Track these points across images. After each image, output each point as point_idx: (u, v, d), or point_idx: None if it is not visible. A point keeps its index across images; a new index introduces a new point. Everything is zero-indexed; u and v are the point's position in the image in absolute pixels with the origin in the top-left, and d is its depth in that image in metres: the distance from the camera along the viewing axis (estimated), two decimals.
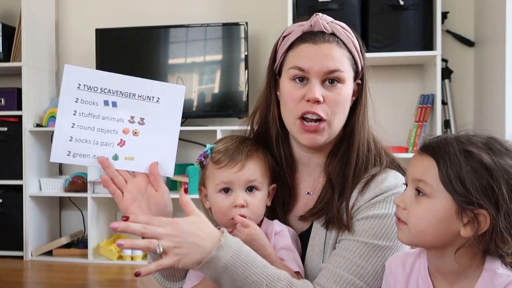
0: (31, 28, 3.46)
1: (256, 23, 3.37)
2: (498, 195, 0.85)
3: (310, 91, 1.12)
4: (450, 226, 0.88)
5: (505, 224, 0.85)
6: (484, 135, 0.91)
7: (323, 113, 1.12)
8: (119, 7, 3.71)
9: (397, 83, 3.34)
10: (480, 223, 0.86)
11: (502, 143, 0.90)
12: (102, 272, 3.12)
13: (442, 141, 0.91)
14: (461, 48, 3.29)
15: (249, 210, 1.13)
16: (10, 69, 3.52)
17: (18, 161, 3.41)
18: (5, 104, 3.46)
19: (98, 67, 3.47)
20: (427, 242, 0.92)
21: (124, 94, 1.09)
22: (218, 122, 3.47)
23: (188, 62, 3.43)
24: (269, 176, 1.18)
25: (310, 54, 1.14)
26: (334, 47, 1.14)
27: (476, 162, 0.86)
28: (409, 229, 0.92)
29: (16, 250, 3.43)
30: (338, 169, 1.17)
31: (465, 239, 0.88)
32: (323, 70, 1.12)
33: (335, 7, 3.02)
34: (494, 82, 2.94)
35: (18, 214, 3.41)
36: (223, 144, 1.18)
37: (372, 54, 3.03)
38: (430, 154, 0.91)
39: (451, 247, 0.90)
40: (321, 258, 1.16)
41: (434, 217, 0.88)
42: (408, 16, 3.02)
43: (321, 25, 1.14)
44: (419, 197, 0.91)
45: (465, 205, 0.86)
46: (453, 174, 0.86)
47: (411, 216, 0.91)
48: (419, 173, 0.91)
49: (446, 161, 0.88)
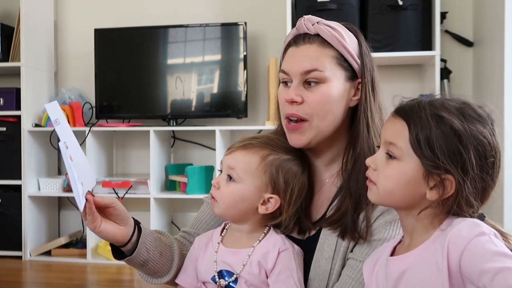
0: (30, 28, 3.46)
1: (255, 23, 3.37)
2: (466, 161, 0.86)
3: (287, 93, 1.15)
4: (417, 188, 0.89)
5: (471, 189, 0.86)
6: (459, 100, 0.92)
7: (303, 113, 1.14)
8: (118, 7, 3.71)
9: (396, 83, 3.34)
10: (445, 188, 0.87)
11: (475, 109, 0.91)
12: (100, 272, 3.11)
13: (415, 104, 0.92)
14: (460, 48, 3.29)
15: (218, 195, 1.15)
16: (9, 69, 3.52)
17: (17, 161, 3.41)
18: (4, 104, 3.46)
19: (97, 67, 3.48)
20: (393, 202, 0.93)
21: (55, 122, 1.05)
22: (217, 122, 3.47)
23: (187, 62, 3.43)
24: (264, 182, 1.14)
25: (291, 56, 1.17)
26: (313, 47, 1.15)
27: (446, 127, 0.87)
28: (378, 189, 0.93)
29: (14, 250, 3.43)
30: (354, 176, 1.15)
31: (430, 201, 0.89)
32: (299, 71, 1.14)
33: (334, 7, 3.02)
34: (493, 82, 2.94)
35: (17, 214, 3.41)
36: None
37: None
38: (402, 117, 0.92)
39: (416, 208, 0.91)
40: (330, 264, 1.15)
41: (402, 179, 0.90)
42: (407, 16, 3.02)
43: (304, 27, 1.16)
44: (389, 160, 0.92)
45: (432, 169, 0.87)
46: (423, 138, 0.87)
47: (380, 177, 0.93)
48: (390, 135, 0.93)
49: (417, 124, 0.88)
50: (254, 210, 1.15)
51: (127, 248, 1.16)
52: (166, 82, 3.43)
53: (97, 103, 3.50)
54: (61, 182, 3.46)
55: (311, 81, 1.14)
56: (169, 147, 3.57)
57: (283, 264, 1.11)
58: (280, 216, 1.15)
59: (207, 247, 1.19)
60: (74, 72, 3.77)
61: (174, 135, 3.60)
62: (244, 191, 1.14)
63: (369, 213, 1.12)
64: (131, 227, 1.15)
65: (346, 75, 1.17)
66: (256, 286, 1.11)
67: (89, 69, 3.56)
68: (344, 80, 1.16)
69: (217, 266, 1.14)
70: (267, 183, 1.14)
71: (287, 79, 1.17)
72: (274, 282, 1.10)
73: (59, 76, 3.81)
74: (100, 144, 3.48)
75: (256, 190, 1.14)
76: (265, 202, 1.14)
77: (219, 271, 1.14)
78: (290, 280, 1.10)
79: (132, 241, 1.15)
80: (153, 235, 1.20)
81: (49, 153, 3.64)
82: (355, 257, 1.13)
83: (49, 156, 3.66)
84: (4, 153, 3.46)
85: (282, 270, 1.10)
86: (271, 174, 1.14)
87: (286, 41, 1.22)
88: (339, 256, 1.14)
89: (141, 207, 3.47)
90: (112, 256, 1.18)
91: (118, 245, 1.15)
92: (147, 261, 1.17)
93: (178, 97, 3.41)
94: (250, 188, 1.14)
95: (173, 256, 1.23)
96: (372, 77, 1.20)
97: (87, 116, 3.50)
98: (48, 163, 3.65)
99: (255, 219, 1.16)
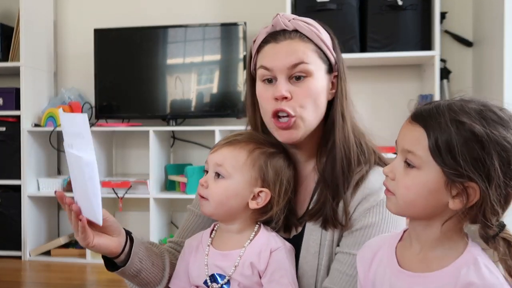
0: (30, 28, 3.46)
1: (255, 23, 3.36)
2: (489, 168, 0.82)
3: (276, 89, 1.13)
4: (439, 198, 0.86)
5: (496, 196, 0.83)
6: (479, 101, 0.88)
7: (291, 110, 1.13)
8: (117, 7, 3.71)
9: (396, 83, 3.34)
10: (469, 196, 0.84)
11: (496, 111, 0.86)
12: (100, 272, 3.11)
13: (433, 109, 0.87)
14: (460, 48, 3.29)
15: (208, 193, 1.14)
16: (8, 69, 3.52)
17: (16, 161, 3.40)
18: (3, 104, 3.46)
19: (97, 67, 3.48)
20: (415, 213, 0.90)
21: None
22: (216, 122, 3.47)
23: (187, 62, 3.42)
24: (253, 175, 1.14)
25: (272, 52, 1.16)
26: (296, 42, 1.15)
27: (468, 133, 0.83)
28: (397, 200, 0.90)
29: (14, 250, 3.43)
30: (328, 166, 1.17)
31: (453, 211, 0.86)
32: (286, 65, 1.13)
33: (334, 7, 3.02)
34: (492, 82, 2.94)
35: (17, 214, 3.41)
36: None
37: (370, 54, 3.04)
38: (420, 123, 0.88)
39: (439, 218, 0.88)
40: (317, 259, 1.15)
41: (423, 188, 0.86)
42: (407, 16, 3.02)
43: (282, 24, 1.16)
44: (408, 169, 0.88)
45: (455, 178, 0.83)
46: (443, 145, 0.83)
47: (400, 187, 0.89)
48: (408, 143, 0.89)
49: (436, 131, 0.85)
50: (244, 206, 1.14)
51: (120, 259, 1.14)
52: (166, 82, 3.43)
53: (96, 103, 3.49)
54: (60, 182, 3.46)
55: (299, 75, 1.14)
56: (168, 147, 3.57)
57: (276, 264, 1.10)
58: (271, 211, 1.15)
59: (197, 250, 1.17)
60: (74, 72, 3.77)
61: (174, 135, 3.60)
62: (234, 187, 1.13)
63: (347, 200, 1.14)
64: (123, 237, 1.13)
65: (325, 68, 1.18)
66: (249, 287, 1.10)
67: (89, 69, 3.56)
68: (324, 73, 1.18)
69: (209, 270, 1.13)
70: (257, 177, 1.14)
71: (269, 76, 1.16)
72: (268, 282, 1.09)
73: (59, 76, 3.81)
74: (100, 144, 3.48)
75: (246, 184, 1.13)
76: (256, 196, 1.14)
77: (211, 275, 1.12)
78: (284, 279, 1.09)
79: (124, 251, 1.14)
80: (145, 245, 1.19)
81: (48, 153, 3.64)
82: (342, 250, 1.13)
83: (49, 156, 3.66)
84: (3, 153, 3.46)
85: (276, 270, 1.10)
86: (260, 167, 1.14)
87: (259, 39, 1.20)
88: (325, 251, 1.15)
89: (140, 207, 3.48)
90: (106, 268, 1.17)
91: (111, 257, 1.14)
92: (139, 271, 1.16)
93: (177, 97, 3.41)
94: (240, 183, 1.13)
95: (164, 266, 1.22)
96: (344, 69, 1.22)
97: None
98: (48, 163, 3.65)
99: (245, 216, 1.15)
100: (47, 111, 3.46)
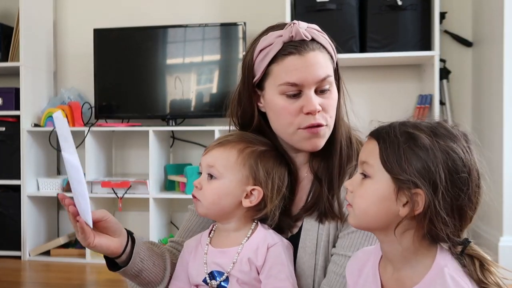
0: (29, 28, 3.46)
1: (254, 23, 3.36)
2: (434, 175, 0.85)
3: (308, 104, 1.13)
4: (390, 206, 0.88)
5: (442, 204, 0.85)
6: (433, 121, 0.92)
7: (323, 121, 1.15)
8: (117, 7, 3.71)
9: (395, 83, 3.34)
10: (417, 203, 0.86)
11: (448, 128, 0.90)
12: (99, 272, 3.11)
13: (388, 125, 0.93)
14: (459, 48, 3.30)
15: (201, 194, 1.16)
16: (8, 69, 3.52)
17: (16, 161, 3.40)
18: (3, 104, 3.46)
19: (96, 67, 3.48)
20: (369, 223, 0.92)
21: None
22: (216, 122, 3.47)
23: (186, 62, 3.42)
24: (245, 174, 1.15)
25: (299, 66, 1.13)
26: (318, 54, 1.15)
27: (415, 141, 0.87)
28: (354, 211, 0.93)
29: (13, 250, 3.43)
30: (323, 164, 1.20)
31: (404, 220, 0.88)
32: (315, 80, 1.14)
33: (333, 7, 3.02)
34: (492, 82, 2.94)
35: (16, 214, 3.40)
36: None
37: (370, 54, 3.04)
38: (374, 136, 0.93)
39: (393, 229, 0.89)
40: (314, 259, 1.17)
41: (374, 196, 0.89)
42: (406, 16, 3.02)
43: (302, 34, 1.14)
44: (363, 180, 0.92)
45: (402, 184, 0.86)
46: (391, 153, 0.88)
47: (355, 197, 0.92)
48: (364, 155, 0.93)
49: (386, 141, 0.89)
50: (238, 205, 1.15)
51: (121, 260, 1.16)
52: (165, 82, 3.43)
53: (96, 103, 3.49)
54: (60, 182, 3.46)
55: (325, 89, 1.16)
56: (168, 147, 3.57)
57: (273, 259, 1.12)
58: (265, 208, 1.16)
59: (196, 250, 1.19)
60: (73, 72, 3.77)
61: (173, 135, 3.60)
62: (226, 186, 1.15)
63: (341, 194, 1.16)
64: (124, 238, 1.14)
65: (335, 75, 1.20)
66: (247, 283, 1.12)
67: (88, 69, 3.56)
68: (335, 80, 1.20)
69: (208, 268, 1.14)
70: (248, 176, 1.15)
71: (295, 91, 1.14)
72: (266, 277, 1.10)
73: (58, 76, 3.81)
74: (99, 144, 3.48)
75: (238, 183, 1.15)
76: (248, 195, 1.15)
77: (209, 272, 1.14)
78: (281, 274, 1.11)
79: (126, 251, 1.15)
80: (146, 245, 1.20)
81: (48, 153, 3.64)
82: (337, 251, 1.15)
83: (48, 156, 3.66)
84: (3, 153, 3.45)
85: (273, 265, 1.11)
86: (251, 166, 1.15)
87: (274, 49, 1.14)
88: (321, 251, 1.16)
89: (140, 207, 3.48)
90: (107, 268, 1.18)
91: (112, 257, 1.15)
92: (141, 271, 1.17)
93: (177, 97, 3.41)
94: (231, 182, 1.15)
95: (165, 266, 1.23)
96: (340, 72, 1.24)
97: (86, 116, 3.50)
98: (47, 163, 3.64)
99: (240, 214, 1.17)
100: (47, 111, 3.46)
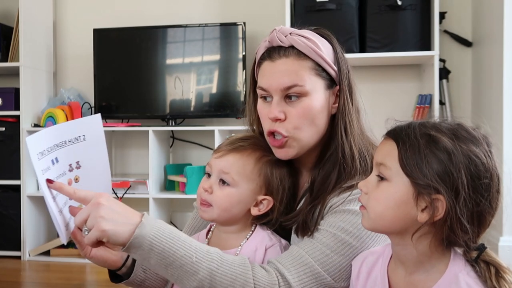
0: (29, 28, 3.46)
1: (254, 23, 3.37)
2: (456, 180, 0.81)
3: (270, 110, 1.13)
4: (408, 210, 0.85)
5: (464, 211, 0.82)
6: (453, 122, 0.89)
7: (284, 131, 1.12)
8: (117, 7, 3.71)
9: (395, 83, 3.34)
10: (436, 209, 0.83)
11: (469, 130, 0.87)
12: (99, 272, 3.11)
13: (406, 125, 0.89)
14: (459, 48, 3.30)
15: (212, 199, 1.13)
16: (8, 69, 3.52)
17: (16, 161, 3.40)
18: (3, 104, 3.45)
19: (96, 67, 3.48)
20: (384, 227, 0.89)
21: (59, 145, 1.03)
22: (216, 122, 3.47)
23: (186, 62, 3.42)
24: (259, 184, 1.14)
25: (268, 72, 1.14)
26: (291, 61, 1.12)
27: (436, 145, 0.83)
28: (369, 214, 0.90)
29: (13, 250, 3.42)
30: (320, 177, 1.15)
31: (423, 226, 0.85)
32: (279, 87, 1.12)
33: (333, 7, 3.02)
34: (491, 82, 2.94)
35: (16, 214, 3.40)
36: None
37: (369, 54, 3.04)
38: (392, 137, 0.89)
39: (410, 233, 0.86)
40: None
41: (391, 200, 0.86)
42: (406, 16, 3.02)
43: (278, 40, 1.13)
44: (380, 182, 0.88)
45: (422, 189, 0.83)
46: (411, 156, 0.84)
47: (370, 200, 0.89)
48: (380, 156, 0.90)
49: (406, 143, 0.85)
50: (246, 212, 1.15)
51: (122, 272, 1.15)
52: (165, 82, 3.43)
53: (96, 103, 3.49)
54: None
55: (292, 96, 1.12)
56: (168, 147, 3.57)
57: None
58: (270, 215, 1.16)
59: None
60: (73, 72, 3.77)
61: (173, 135, 3.60)
62: (239, 194, 1.13)
63: (326, 202, 1.11)
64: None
65: (325, 84, 1.15)
66: None
67: (88, 69, 3.56)
68: (324, 89, 1.15)
69: None
70: (262, 185, 1.14)
71: (265, 94, 1.15)
72: None
73: (58, 76, 3.81)
74: None
75: (251, 192, 1.14)
76: (258, 203, 1.15)
77: None
78: None
79: (126, 264, 1.14)
80: None
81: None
82: (321, 227, 1.10)
83: None
84: (3, 153, 3.45)
85: None
86: (266, 176, 1.14)
87: (259, 53, 1.18)
88: None
89: (140, 207, 3.47)
90: (110, 280, 1.17)
91: (112, 269, 1.15)
92: (144, 281, 1.17)
93: (177, 97, 3.41)
94: (245, 191, 1.13)
95: None
96: (349, 80, 1.18)
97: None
98: None
99: (245, 220, 1.16)
100: (47, 111, 3.46)
